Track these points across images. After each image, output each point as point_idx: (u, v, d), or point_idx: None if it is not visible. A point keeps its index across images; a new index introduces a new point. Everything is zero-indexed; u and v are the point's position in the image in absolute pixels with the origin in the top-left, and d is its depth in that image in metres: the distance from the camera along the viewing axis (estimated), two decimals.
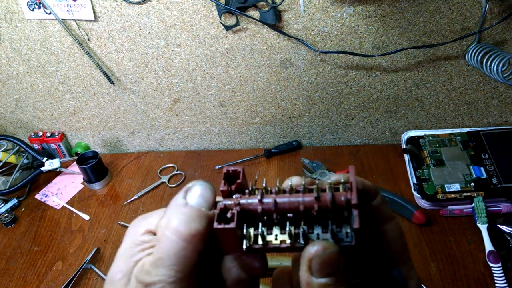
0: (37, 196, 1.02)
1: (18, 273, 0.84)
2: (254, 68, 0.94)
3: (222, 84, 0.98)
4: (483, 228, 0.78)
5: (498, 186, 0.82)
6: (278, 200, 0.23)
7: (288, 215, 0.23)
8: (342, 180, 0.24)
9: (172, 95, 1.02)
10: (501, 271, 0.70)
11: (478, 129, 0.93)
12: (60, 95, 1.05)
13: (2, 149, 1.07)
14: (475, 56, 0.81)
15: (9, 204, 0.99)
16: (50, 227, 0.94)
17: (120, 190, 1.02)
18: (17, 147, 1.07)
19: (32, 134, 1.12)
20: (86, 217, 0.95)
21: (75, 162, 1.06)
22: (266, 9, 0.82)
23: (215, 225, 0.23)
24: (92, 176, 1.01)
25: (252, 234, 0.23)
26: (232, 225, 0.22)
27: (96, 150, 1.06)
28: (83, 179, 1.03)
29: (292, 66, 0.93)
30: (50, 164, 1.03)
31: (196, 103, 1.03)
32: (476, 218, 0.79)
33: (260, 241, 0.23)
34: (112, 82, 0.99)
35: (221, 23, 0.86)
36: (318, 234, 0.23)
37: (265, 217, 0.23)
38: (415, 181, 0.86)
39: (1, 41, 0.95)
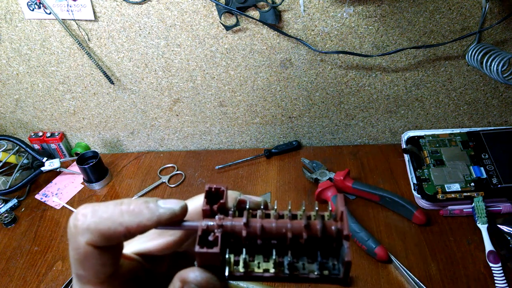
0: (37, 196, 1.02)
1: (18, 273, 0.84)
2: (254, 68, 0.94)
3: (222, 84, 0.98)
4: (483, 228, 0.78)
5: (498, 186, 0.82)
6: (266, 225, 0.21)
7: (273, 241, 0.21)
8: (330, 209, 0.23)
9: (172, 95, 1.02)
10: (501, 271, 0.70)
11: (478, 129, 0.93)
12: (60, 95, 1.05)
13: (2, 149, 1.07)
14: (475, 56, 0.81)
15: (9, 204, 0.99)
16: (50, 227, 0.94)
17: (120, 190, 1.02)
18: (17, 147, 1.07)
19: (32, 134, 1.12)
20: None
21: (75, 162, 1.06)
22: (266, 9, 0.82)
23: (197, 248, 0.21)
24: (92, 176, 1.01)
25: (233, 260, 0.22)
26: (216, 250, 0.21)
27: (96, 150, 1.06)
28: (83, 179, 1.03)
29: (292, 66, 0.93)
30: (50, 164, 1.03)
31: (196, 103, 1.03)
32: (476, 218, 0.79)
33: (242, 269, 0.21)
34: (112, 82, 0.99)
35: (221, 23, 0.86)
36: (304, 264, 0.21)
37: (247, 242, 0.22)
38: (415, 181, 0.86)
39: (1, 41, 0.95)
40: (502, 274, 0.70)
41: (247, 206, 0.23)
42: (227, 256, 0.22)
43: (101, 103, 1.05)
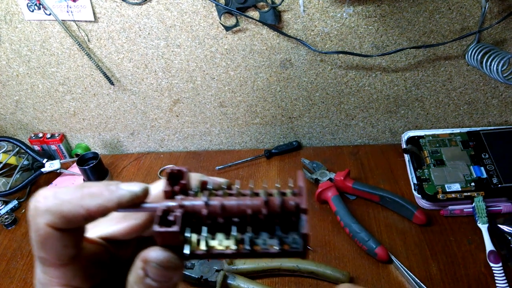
0: None
1: (19, 274, 0.84)
2: (254, 68, 0.94)
3: (222, 85, 0.98)
4: (484, 228, 0.78)
5: (499, 186, 0.81)
6: (225, 203, 0.22)
7: (234, 219, 0.22)
8: (291, 185, 0.23)
9: (172, 96, 1.02)
10: (502, 271, 0.70)
11: (478, 129, 0.93)
12: (60, 96, 1.05)
13: (2, 150, 1.07)
14: (475, 56, 0.81)
15: (10, 206, 0.99)
16: None
17: None
18: (17, 149, 1.07)
19: (32, 135, 1.12)
20: None
21: (75, 163, 1.06)
22: (266, 9, 0.82)
23: (156, 227, 0.21)
24: (92, 177, 1.01)
25: (195, 239, 0.22)
26: (175, 228, 0.21)
27: (96, 151, 1.06)
28: (84, 180, 1.03)
29: (292, 66, 0.93)
30: (50, 165, 1.03)
31: (196, 104, 1.03)
32: (476, 218, 0.79)
33: (203, 247, 0.22)
34: (112, 83, 0.99)
35: (221, 23, 0.86)
36: (264, 240, 0.22)
37: (209, 221, 0.22)
38: (415, 181, 0.86)
39: (1, 42, 0.95)
40: (503, 274, 0.70)
41: (210, 187, 0.24)
42: (188, 235, 0.22)
43: (101, 104, 1.05)
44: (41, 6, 0.87)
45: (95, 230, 0.25)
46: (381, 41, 0.86)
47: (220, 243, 0.22)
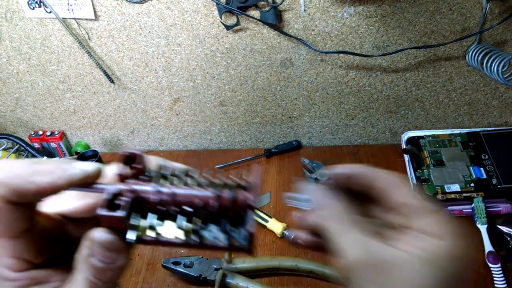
0: None
1: None
2: (255, 67, 0.94)
3: (223, 84, 0.98)
4: (483, 228, 0.78)
5: (498, 187, 0.82)
6: (176, 191, 0.22)
7: (185, 209, 0.22)
8: (248, 179, 0.23)
9: (172, 95, 1.02)
10: (501, 272, 0.70)
11: (478, 129, 0.93)
12: (60, 94, 1.05)
13: (2, 147, 1.07)
14: (476, 57, 0.81)
15: None
16: None
17: None
18: (17, 146, 1.07)
19: (32, 133, 1.12)
20: None
21: None
22: (267, 8, 0.82)
23: (100, 211, 0.21)
24: None
25: (142, 225, 0.22)
26: (120, 213, 0.21)
27: (96, 149, 1.06)
28: None
29: (293, 66, 0.93)
30: None
31: (196, 103, 1.03)
32: (475, 219, 0.79)
33: (151, 233, 0.22)
34: (112, 81, 0.99)
35: (221, 22, 0.86)
36: (213, 232, 0.22)
37: (160, 208, 0.22)
38: (415, 182, 0.86)
39: (2, 40, 0.95)
40: (502, 275, 0.70)
41: (167, 173, 0.23)
42: (134, 221, 0.22)
43: (101, 102, 1.05)
44: (41, 3, 0.87)
45: (53, 205, 0.25)
46: (381, 41, 0.86)
47: (168, 231, 0.22)
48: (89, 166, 0.22)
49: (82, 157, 1.02)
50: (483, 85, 0.92)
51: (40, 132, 1.12)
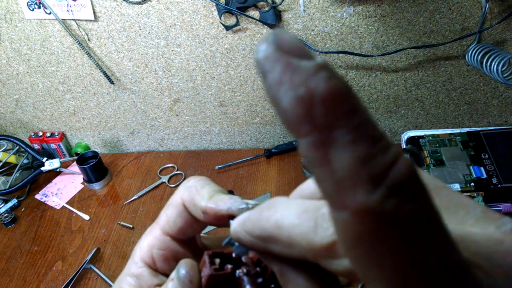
0: (37, 196, 1.02)
1: (18, 273, 0.84)
2: (254, 68, 0.94)
3: (222, 84, 0.98)
4: None
5: (498, 186, 0.81)
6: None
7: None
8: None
9: (172, 95, 1.02)
10: None
11: (478, 129, 0.93)
12: (60, 95, 1.05)
13: (2, 149, 1.07)
14: (475, 56, 0.81)
15: (9, 204, 0.99)
16: (50, 227, 0.94)
17: (120, 190, 1.02)
18: (17, 147, 1.07)
19: (32, 134, 1.12)
20: (86, 217, 0.95)
21: (75, 162, 1.06)
22: (266, 9, 0.82)
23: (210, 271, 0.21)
24: (92, 176, 1.01)
25: None
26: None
27: (96, 150, 1.06)
28: (83, 179, 1.03)
29: None
30: (50, 164, 1.03)
31: (196, 103, 1.03)
32: None
33: None
34: (112, 82, 0.99)
35: (221, 23, 0.86)
36: None
37: None
38: None
39: (1, 41, 0.95)
40: None
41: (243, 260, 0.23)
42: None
43: (101, 103, 1.05)
44: (41, 5, 0.87)
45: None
46: (381, 41, 0.86)
47: None
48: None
49: (82, 158, 1.02)
50: (483, 84, 0.92)
51: (40, 133, 1.12)
